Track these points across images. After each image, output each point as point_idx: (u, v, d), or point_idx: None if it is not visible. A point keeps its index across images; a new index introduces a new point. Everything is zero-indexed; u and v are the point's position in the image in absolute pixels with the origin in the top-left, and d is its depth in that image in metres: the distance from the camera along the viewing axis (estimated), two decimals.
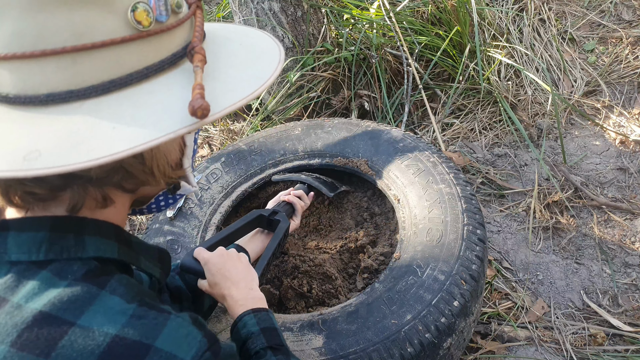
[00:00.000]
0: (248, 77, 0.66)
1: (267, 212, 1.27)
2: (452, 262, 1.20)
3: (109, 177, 0.64)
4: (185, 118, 0.58)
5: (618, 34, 2.54)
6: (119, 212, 0.73)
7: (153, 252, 0.78)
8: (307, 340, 1.11)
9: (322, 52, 2.26)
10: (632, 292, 1.63)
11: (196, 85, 0.58)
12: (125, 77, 0.59)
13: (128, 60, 0.59)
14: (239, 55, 0.70)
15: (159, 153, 0.68)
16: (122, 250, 0.70)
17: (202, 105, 0.56)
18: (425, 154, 1.47)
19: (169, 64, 0.63)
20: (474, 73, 2.33)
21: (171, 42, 0.63)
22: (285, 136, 1.65)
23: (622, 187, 1.97)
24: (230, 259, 1.03)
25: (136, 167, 0.65)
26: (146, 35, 0.60)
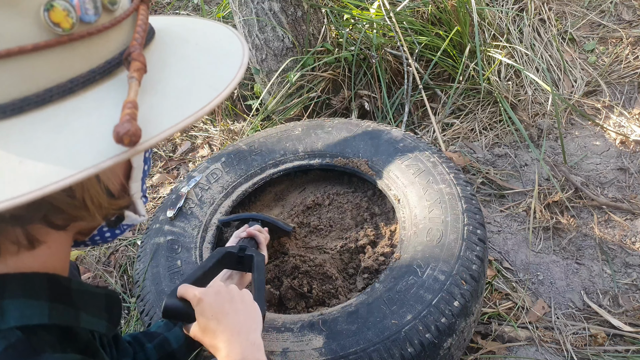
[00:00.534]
0: (199, 88, 0.54)
1: (235, 249, 1.16)
2: (453, 262, 1.20)
3: (30, 215, 0.53)
4: (111, 146, 0.46)
5: (618, 34, 2.54)
6: (56, 251, 0.61)
7: (99, 300, 0.66)
8: (307, 340, 1.11)
9: (322, 52, 2.26)
10: (632, 292, 1.63)
11: (126, 104, 0.46)
12: (43, 93, 0.47)
13: (45, 72, 0.48)
14: (192, 59, 0.58)
15: (89, 183, 0.56)
16: (56, 310, 0.58)
17: (130, 130, 0.44)
18: (425, 154, 1.47)
19: (101, 74, 0.51)
20: (474, 73, 2.33)
21: (104, 47, 0.51)
22: (286, 136, 1.65)
23: (622, 187, 1.96)
24: (230, 300, 0.84)
25: (63, 201, 0.54)
26: (68, 40, 0.48)
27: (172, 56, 0.57)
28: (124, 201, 0.63)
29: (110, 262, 1.97)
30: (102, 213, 0.60)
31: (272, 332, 1.14)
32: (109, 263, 1.96)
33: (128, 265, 1.93)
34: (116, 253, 2.00)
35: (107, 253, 1.99)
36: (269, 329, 1.15)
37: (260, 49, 2.22)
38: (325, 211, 1.66)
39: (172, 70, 0.55)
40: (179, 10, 3.29)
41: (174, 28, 0.61)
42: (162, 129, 0.49)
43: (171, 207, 1.48)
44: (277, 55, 2.22)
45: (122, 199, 0.62)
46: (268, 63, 2.26)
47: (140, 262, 1.39)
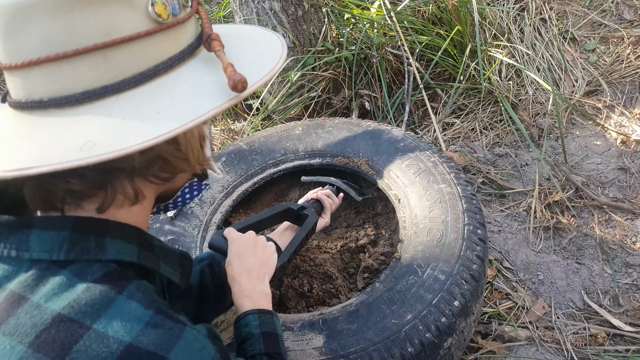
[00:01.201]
0: (260, 60, 0.69)
1: (296, 206, 1.29)
2: (453, 261, 1.20)
3: (149, 167, 0.66)
4: (222, 95, 0.61)
5: (619, 33, 2.54)
6: (145, 209, 0.74)
7: (174, 256, 0.78)
8: (307, 339, 1.11)
9: (323, 52, 2.26)
10: (633, 292, 1.63)
11: (227, 65, 0.62)
12: (153, 69, 0.63)
13: (153, 53, 0.63)
14: (243, 44, 0.73)
15: (192, 138, 0.70)
16: (143, 254, 0.70)
17: (242, 78, 0.60)
18: (426, 154, 1.47)
19: (188, 54, 0.67)
20: (475, 73, 2.33)
21: (185, 34, 0.67)
22: (286, 136, 1.65)
23: (623, 187, 1.96)
24: (253, 245, 1.03)
25: (173, 155, 0.67)
26: (166, 28, 0.64)
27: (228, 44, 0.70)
28: (208, 159, 0.78)
29: None
30: (199, 165, 0.74)
31: None
32: None
33: None
34: None
35: None
36: None
37: None
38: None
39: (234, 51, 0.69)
40: None
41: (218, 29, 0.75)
42: (254, 81, 0.63)
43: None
44: None
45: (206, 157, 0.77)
46: None
47: None
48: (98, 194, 0.66)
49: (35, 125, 0.60)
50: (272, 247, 1.07)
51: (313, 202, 1.36)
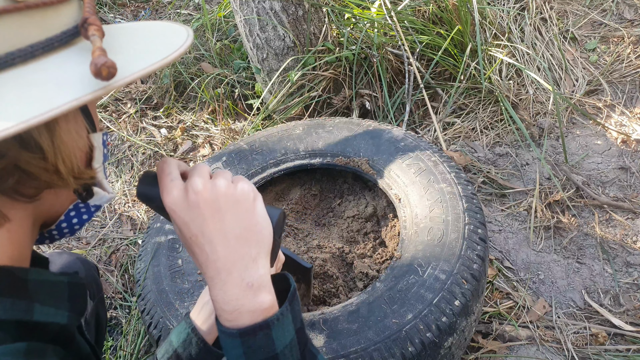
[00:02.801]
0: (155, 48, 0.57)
1: None
2: (454, 261, 1.20)
3: (3, 180, 0.54)
4: (86, 87, 0.49)
5: (620, 33, 2.54)
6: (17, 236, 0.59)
7: (60, 289, 0.63)
8: None
9: (323, 52, 2.26)
10: (633, 292, 1.63)
11: (96, 49, 0.50)
12: (4, 57, 0.50)
13: (5, 37, 0.50)
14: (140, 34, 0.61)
15: (62, 144, 0.56)
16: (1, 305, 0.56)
17: (107, 62, 0.47)
18: (426, 153, 1.47)
19: (59, 42, 0.54)
20: (475, 72, 2.32)
21: (58, 19, 0.55)
22: (287, 135, 1.65)
23: (623, 186, 1.96)
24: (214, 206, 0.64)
25: (35, 165, 0.54)
26: (25, 8, 0.51)
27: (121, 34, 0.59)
28: (92, 172, 0.63)
29: (111, 261, 1.97)
30: (75, 178, 0.59)
31: None
32: (110, 262, 1.97)
33: (129, 265, 1.93)
34: (117, 252, 2.00)
35: (108, 252, 2.00)
36: None
37: (261, 48, 2.22)
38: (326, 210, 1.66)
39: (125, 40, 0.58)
40: (179, 10, 3.29)
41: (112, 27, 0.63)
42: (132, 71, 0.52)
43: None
44: (278, 54, 2.22)
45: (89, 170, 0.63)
46: (269, 62, 2.26)
47: (141, 261, 1.39)
48: None
49: None
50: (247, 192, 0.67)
51: None
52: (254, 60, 2.31)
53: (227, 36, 2.77)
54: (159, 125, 2.57)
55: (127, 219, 2.14)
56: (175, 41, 0.57)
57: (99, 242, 2.06)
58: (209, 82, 2.53)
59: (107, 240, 2.06)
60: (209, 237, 0.63)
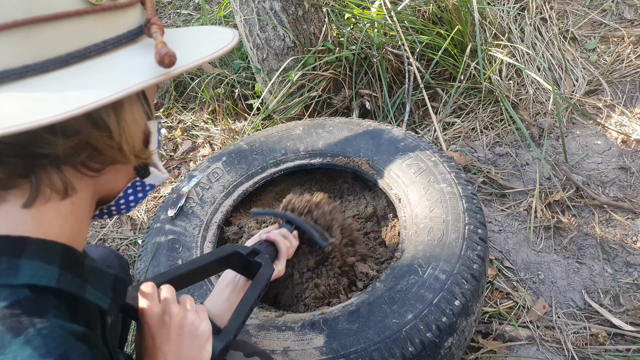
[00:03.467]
0: (206, 44, 0.66)
1: (245, 250, 1.02)
2: (454, 261, 1.20)
3: (75, 155, 0.61)
4: (150, 72, 0.59)
5: (620, 33, 2.54)
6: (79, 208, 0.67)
7: (107, 279, 0.70)
8: (308, 339, 1.11)
9: (323, 52, 2.26)
10: (633, 292, 1.63)
11: (159, 42, 0.59)
12: (83, 50, 0.59)
13: (84, 34, 0.59)
14: (193, 34, 0.70)
15: (126, 125, 0.64)
16: (64, 277, 0.62)
17: (169, 52, 0.57)
18: (426, 153, 1.47)
19: (126, 39, 0.63)
20: (475, 72, 2.32)
21: (126, 20, 0.64)
22: (287, 135, 1.65)
23: (623, 186, 1.96)
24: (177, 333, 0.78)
25: (103, 142, 0.62)
26: (100, 10, 0.60)
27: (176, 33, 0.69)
28: (149, 153, 0.72)
29: None
30: (135, 157, 0.68)
31: (273, 331, 1.15)
32: None
33: (129, 265, 1.93)
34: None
35: None
36: (270, 328, 1.16)
37: (261, 48, 2.22)
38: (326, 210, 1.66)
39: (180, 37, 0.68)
40: (179, 10, 3.29)
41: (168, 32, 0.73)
42: (189, 61, 0.61)
43: (172, 207, 1.48)
44: (278, 54, 2.22)
45: (147, 151, 0.72)
46: (269, 62, 2.26)
47: (141, 261, 1.39)
48: (22, 184, 0.61)
49: None
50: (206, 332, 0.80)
51: (266, 245, 1.10)
52: (254, 60, 2.31)
53: None
54: None
55: (127, 219, 2.14)
56: (224, 38, 0.67)
57: (99, 242, 2.06)
58: (209, 82, 2.53)
59: (107, 240, 2.06)
60: (164, 353, 0.76)
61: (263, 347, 1.12)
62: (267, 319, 1.18)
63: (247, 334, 1.15)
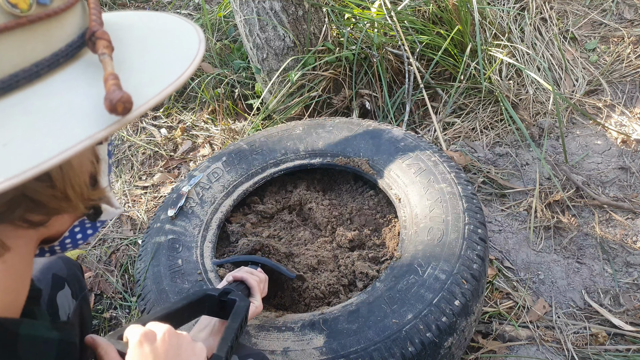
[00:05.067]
0: (170, 60, 0.53)
1: (216, 291, 1.00)
2: (454, 261, 1.20)
3: (8, 212, 0.51)
4: (100, 119, 0.46)
5: (620, 33, 2.54)
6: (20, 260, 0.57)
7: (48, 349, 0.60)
8: (308, 339, 1.11)
9: (323, 52, 2.26)
10: (633, 292, 1.63)
11: (108, 76, 0.46)
12: (9, 79, 0.46)
13: (8, 57, 0.46)
14: (151, 38, 0.57)
15: (71, 170, 0.54)
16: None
17: (123, 97, 0.44)
18: (426, 153, 1.47)
19: (64, 57, 0.50)
20: (475, 72, 2.32)
21: (62, 30, 0.50)
22: (287, 135, 1.65)
23: (623, 186, 1.96)
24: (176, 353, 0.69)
25: (44, 193, 0.52)
26: (27, 22, 0.46)
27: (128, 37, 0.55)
28: (100, 192, 0.61)
29: (111, 261, 1.97)
30: (84, 202, 0.58)
31: (273, 332, 1.15)
32: (109, 262, 1.97)
33: (129, 265, 1.93)
34: (117, 252, 2.00)
35: (108, 252, 2.00)
36: (270, 328, 1.16)
37: (261, 48, 2.22)
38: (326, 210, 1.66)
39: (135, 48, 0.54)
40: (179, 10, 3.29)
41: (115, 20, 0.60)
42: (148, 97, 0.48)
43: (172, 206, 1.48)
44: (278, 54, 2.22)
45: (97, 189, 0.61)
46: (269, 62, 2.26)
47: (141, 261, 1.39)
48: None
49: None
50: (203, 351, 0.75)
51: (236, 284, 1.09)
52: (254, 60, 2.31)
53: (227, 36, 2.77)
54: (159, 125, 2.57)
55: (127, 219, 2.14)
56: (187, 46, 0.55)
57: (99, 242, 2.06)
58: (209, 82, 2.53)
59: (107, 240, 2.06)
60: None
61: (263, 347, 1.12)
62: (266, 319, 1.18)
63: (247, 334, 1.15)
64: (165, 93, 0.49)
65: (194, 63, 0.52)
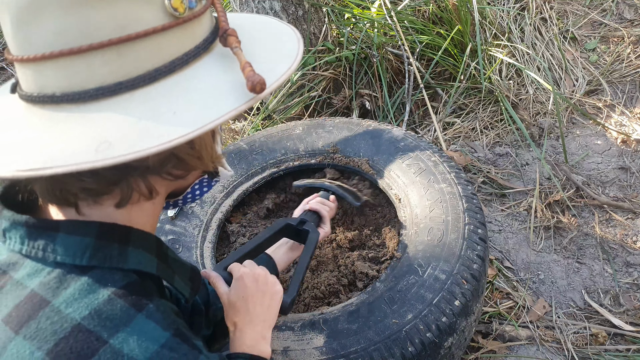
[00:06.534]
0: (277, 57, 0.68)
1: (295, 221, 1.21)
2: (454, 261, 1.20)
3: (162, 166, 0.66)
4: (239, 97, 0.60)
5: (620, 32, 2.54)
6: (157, 205, 0.75)
7: (186, 270, 0.78)
8: (308, 339, 1.11)
9: (323, 52, 2.26)
10: (633, 292, 1.63)
11: (245, 64, 0.60)
12: (169, 65, 0.61)
13: (169, 48, 0.61)
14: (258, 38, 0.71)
15: (206, 137, 0.70)
16: (161, 266, 0.71)
17: (260, 80, 0.58)
18: (426, 153, 1.47)
19: (203, 49, 0.65)
20: (475, 72, 2.32)
21: (201, 28, 0.65)
22: (287, 135, 1.65)
23: (623, 186, 1.96)
24: (263, 291, 0.95)
25: (187, 153, 0.67)
26: (182, 22, 0.62)
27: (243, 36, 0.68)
28: (220, 156, 0.77)
29: None
30: (212, 163, 0.73)
31: (273, 331, 1.14)
32: None
33: None
34: None
35: None
36: None
37: None
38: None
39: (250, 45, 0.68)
40: None
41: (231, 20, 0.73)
42: (271, 81, 0.61)
43: (172, 207, 1.48)
44: None
45: (219, 154, 0.77)
46: None
47: None
48: (113, 191, 0.65)
49: (47, 121, 0.59)
50: (280, 291, 0.99)
51: (310, 214, 1.29)
52: None
53: None
54: None
55: None
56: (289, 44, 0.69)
57: None
58: None
59: None
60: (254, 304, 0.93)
61: None
62: None
63: None
64: (283, 78, 0.63)
65: (298, 57, 0.67)
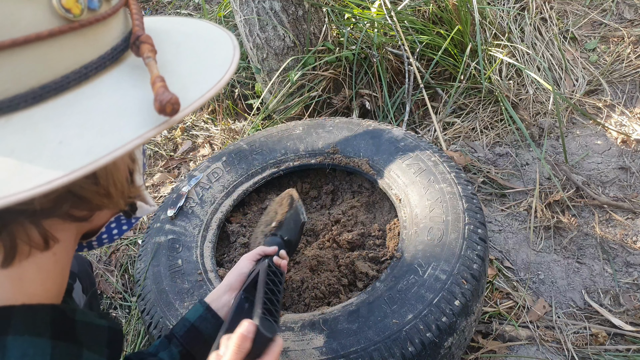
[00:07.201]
0: (206, 67, 0.56)
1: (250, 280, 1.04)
2: (454, 261, 1.20)
3: (56, 207, 0.53)
4: (147, 119, 0.48)
5: (620, 32, 2.54)
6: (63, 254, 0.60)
7: (101, 334, 0.65)
8: (308, 339, 1.11)
9: (323, 52, 2.26)
10: (633, 292, 1.63)
11: (155, 78, 0.48)
12: (60, 80, 0.48)
13: (61, 59, 0.48)
14: (187, 43, 0.60)
15: (114, 169, 0.57)
16: (58, 350, 0.56)
17: (171, 98, 0.46)
18: (426, 153, 1.47)
19: (110, 60, 0.52)
20: (475, 72, 2.32)
21: (108, 34, 0.53)
22: (287, 135, 1.65)
23: (623, 186, 1.96)
24: None
25: (88, 190, 0.55)
26: (79, 27, 0.48)
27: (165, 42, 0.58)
28: (136, 189, 0.64)
29: (111, 261, 1.97)
30: (124, 199, 0.61)
31: None
32: (109, 262, 1.97)
33: (129, 265, 1.93)
34: (117, 252, 2.00)
35: (108, 252, 2.00)
36: None
37: (261, 48, 2.22)
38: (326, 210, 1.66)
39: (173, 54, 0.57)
40: (180, 10, 3.29)
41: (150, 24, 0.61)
42: (191, 99, 0.50)
43: (172, 206, 1.48)
44: (278, 54, 2.22)
45: (134, 187, 0.64)
46: (269, 62, 2.26)
47: (141, 261, 1.39)
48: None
49: None
50: None
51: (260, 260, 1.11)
52: (254, 60, 2.31)
53: None
54: None
55: None
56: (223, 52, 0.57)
57: None
58: None
59: None
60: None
61: None
62: None
63: None
64: (207, 96, 0.51)
65: (231, 68, 0.55)
